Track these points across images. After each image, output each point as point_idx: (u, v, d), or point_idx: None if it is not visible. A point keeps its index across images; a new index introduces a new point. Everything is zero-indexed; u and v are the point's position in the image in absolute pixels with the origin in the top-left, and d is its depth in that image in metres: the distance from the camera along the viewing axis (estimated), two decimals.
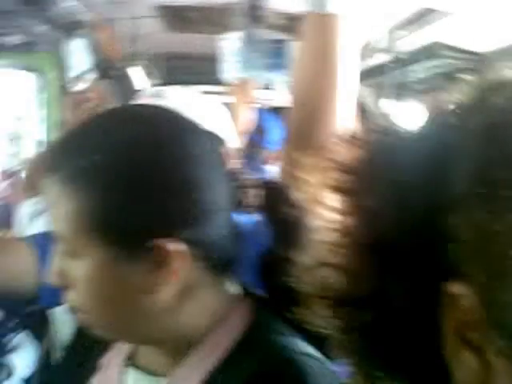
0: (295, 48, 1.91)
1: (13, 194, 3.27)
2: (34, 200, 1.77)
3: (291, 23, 3.06)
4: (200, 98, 1.23)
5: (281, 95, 2.46)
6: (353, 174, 0.40)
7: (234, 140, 1.19)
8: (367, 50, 2.60)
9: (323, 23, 0.76)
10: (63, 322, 1.48)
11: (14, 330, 1.49)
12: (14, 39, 2.68)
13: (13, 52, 2.86)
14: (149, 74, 3.31)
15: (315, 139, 0.80)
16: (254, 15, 1.67)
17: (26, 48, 2.88)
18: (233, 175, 0.67)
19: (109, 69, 2.08)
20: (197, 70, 3.98)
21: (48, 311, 1.54)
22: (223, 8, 2.60)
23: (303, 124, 0.82)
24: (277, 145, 2.60)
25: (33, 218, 1.69)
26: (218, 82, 2.95)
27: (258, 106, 2.50)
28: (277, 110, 2.68)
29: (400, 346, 0.37)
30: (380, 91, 3.76)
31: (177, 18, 2.97)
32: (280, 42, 1.85)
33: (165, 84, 4.32)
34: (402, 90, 3.04)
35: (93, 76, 2.08)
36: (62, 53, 2.52)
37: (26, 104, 3.57)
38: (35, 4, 2.18)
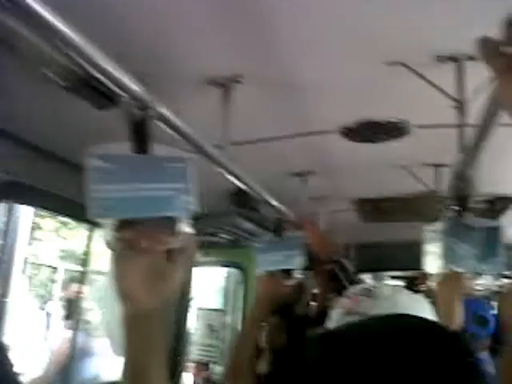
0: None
1: None
2: None
3: (492, 205, 2.95)
4: (404, 292, 1.18)
5: (492, 283, 2.28)
6: None
7: None
8: None
9: None
10: None
11: None
12: (225, 237, 2.94)
13: (222, 249, 3.13)
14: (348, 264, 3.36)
15: None
16: (462, 203, 1.62)
17: (232, 245, 3.13)
18: None
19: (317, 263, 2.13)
20: (390, 257, 3.97)
21: None
22: (418, 197, 2.61)
23: None
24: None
25: None
26: (407, 269, 2.87)
27: (474, 296, 2.34)
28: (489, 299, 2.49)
29: None
30: None
31: (372, 210, 3.04)
32: (491, 228, 1.75)
33: (359, 271, 4.35)
34: None
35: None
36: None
37: (225, 296, 3.80)
38: (245, 205, 2.40)
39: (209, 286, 4.09)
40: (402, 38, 1.24)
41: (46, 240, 8.60)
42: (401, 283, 4.61)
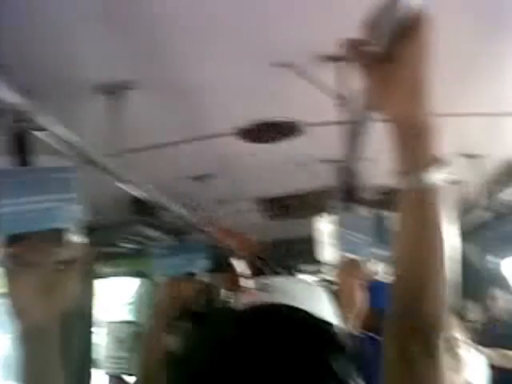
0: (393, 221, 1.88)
1: None
2: None
3: (387, 197, 3.11)
4: (303, 285, 1.25)
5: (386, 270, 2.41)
6: None
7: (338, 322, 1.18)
8: (466, 207, 2.55)
9: (419, 198, 0.74)
10: None
11: None
12: (127, 247, 2.89)
13: (126, 258, 3.07)
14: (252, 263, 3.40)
15: (420, 313, 0.77)
16: (351, 195, 1.70)
17: (139, 254, 3.07)
18: None
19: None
20: (298, 253, 4.07)
21: None
22: (318, 192, 2.71)
23: (406, 299, 0.79)
24: None
25: None
26: (319, 263, 2.96)
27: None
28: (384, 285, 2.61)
29: None
30: (484, 247, 3.62)
31: (277, 208, 3.11)
32: (379, 217, 1.85)
33: (269, 269, 4.42)
34: (506, 245, 2.91)
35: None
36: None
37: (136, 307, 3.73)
38: (146, 213, 2.37)
39: (119, 298, 3.98)
40: (284, 40, 1.28)
41: None
42: (314, 278, 4.74)
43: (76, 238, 0.89)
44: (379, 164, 2.45)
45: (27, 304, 0.82)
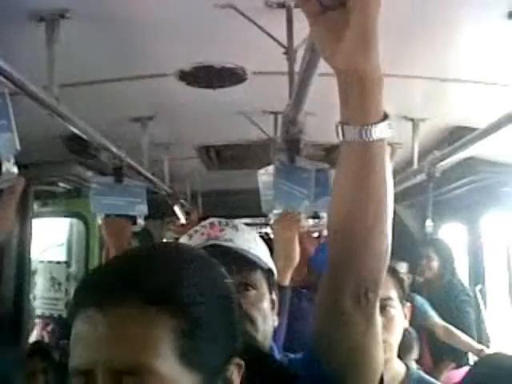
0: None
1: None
2: None
3: (329, 153, 3.14)
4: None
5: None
6: None
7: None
8: (403, 170, 2.62)
9: (358, 151, 0.75)
10: None
11: None
12: (63, 187, 2.81)
13: (61, 199, 2.99)
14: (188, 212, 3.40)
15: (359, 269, 0.78)
16: (292, 148, 1.70)
17: (74, 195, 3.00)
18: None
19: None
20: (236, 204, 4.07)
21: None
22: (260, 144, 2.70)
23: (345, 254, 0.79)
24: None
25: None
26: (258, 215, 2.98)
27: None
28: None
29: None
30: (419, 211, 3.74)
31: (216, 158, 3.08)
32: (322, 171, 1.86)
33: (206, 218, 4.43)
34: (440, 209, 3.01)
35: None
36: None
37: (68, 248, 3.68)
38: (82, 152, 2.30)
39: (50, 238, 3.91)
40: None
41: None
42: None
43: (11, 168, 0.87)
44: (324, 120, 2.46)
45: None
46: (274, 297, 1.20)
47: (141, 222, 2.12)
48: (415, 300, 3.04)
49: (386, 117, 0.72)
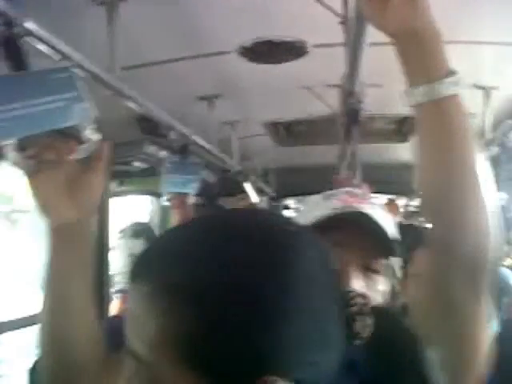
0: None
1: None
2: None
3: (400, 126, 3.06)
4: None
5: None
6: None
7: None
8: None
9: (431, 112, 0.72)
10: None
11: None
12: (138, 166, 2.92)
13: (137, 178, 3.12)
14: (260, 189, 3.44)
15: (461, 243, 0.72)
16: (355, 122, 1.68)
17: (149, 174, 3.11)
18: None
19: None
20: (309, 180, 4.05)
21: None
22: (327, 118, 2.67)
23: (444, 232, 0.74)
24: None
25: None
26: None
27: None
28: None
29: None
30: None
31: (285, 134, 3.09)
32: None
33: (278, 197, 4.45)
34: None
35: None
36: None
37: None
38: (152, 133, 2.37)
39: (130, 215, 4.08)
40: None
41: None
42: None
43: (92, 135, 0.90)
44: (392, 92, 2.40)
45: (51, 202, 0.83)
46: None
47: (193, 199, 2.17)
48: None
49: (452, 73, 0.69)
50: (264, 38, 1.70)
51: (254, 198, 3.44)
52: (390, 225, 1.01)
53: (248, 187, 3.28)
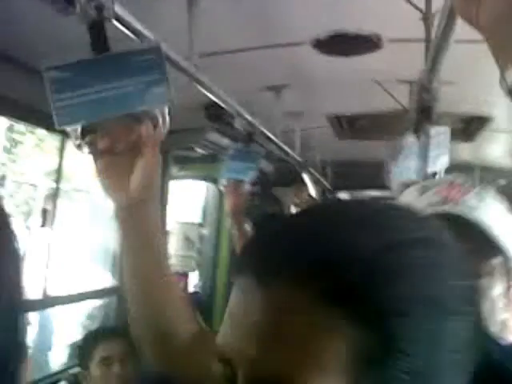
0: None
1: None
2: None
3: (468, 125, 2.98)
4: None
5: None
6: None
7: None
8: None
9: None
10: None
11: None
12: (200, 152, 2.96)
13: (197, 164, 3.17)
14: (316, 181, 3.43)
15: None
16: (426, 118, 1.64)
17: (210, 160, 3.16)
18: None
19: None
20: (367, 175, 4.01)
21: None
22: (394, 114, 2.63)
23: None
24: None
25: None
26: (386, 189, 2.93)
27: None
28: None
29: None
30: None
31: (348, 127, 3.06)
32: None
33: (334, 190, 4.42)
34: None
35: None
36: None
37: (203, 210, 3.89)
38: (217, 120, 2.40)
39: (187, 200, 4.16)
40: None
41: (27, 157, 8.53)
42: None
43: (164, 120, 0.92)
44: (463, 89, 2.34)
45: (114, 185, 0.88)
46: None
47: (247, 187, 2.18)
48: None
49: None
50: (340, 31, 1.68)
51: (312, 189, 3.44)
52: (501, 216, 0.90)
53: (306, 179, 3.28)
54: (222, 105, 1.83)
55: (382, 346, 0.41)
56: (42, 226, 4.04)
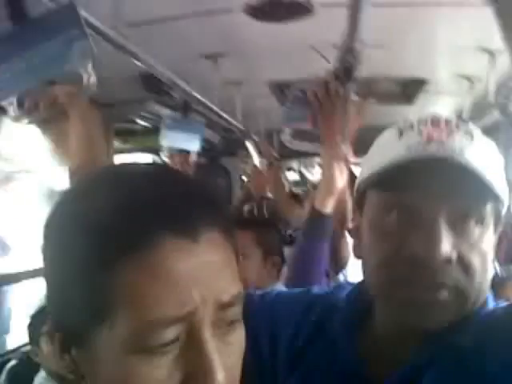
0: None
1: None
2: None
3: (405, 88, 3.04)
4: None
5: None
6: None
7: None
8: (479, 107, 2.49)
9: None
10: None
11: None
12: (142, 125, 2.92)
13: (140, 136, 3.13)
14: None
15: None
16: (346, 76, 1.64)
17: (154, 132, 3.12)
18: None
19: None
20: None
21: None
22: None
23: None
24: None
25: None
26: None
27: None
28: None
29: None
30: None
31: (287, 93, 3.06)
32: None
33: (282, 158, 4.45)
34: None
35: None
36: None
37: None
38: (156, 91, 2.37)
39: None
40: None
41: None
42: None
43: (90, 78, 0.91)
44: (398, 54, 2.38)
45: (66, 149, 0.90)
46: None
47: (194, 157, 2.19)
48: None
49: None
50: None
51: (256, 158, 3.44)
52: (492, 159, 0.80)
53: (250, 147, 3.28)
54: (156, 75, 1.81)
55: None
56: None
